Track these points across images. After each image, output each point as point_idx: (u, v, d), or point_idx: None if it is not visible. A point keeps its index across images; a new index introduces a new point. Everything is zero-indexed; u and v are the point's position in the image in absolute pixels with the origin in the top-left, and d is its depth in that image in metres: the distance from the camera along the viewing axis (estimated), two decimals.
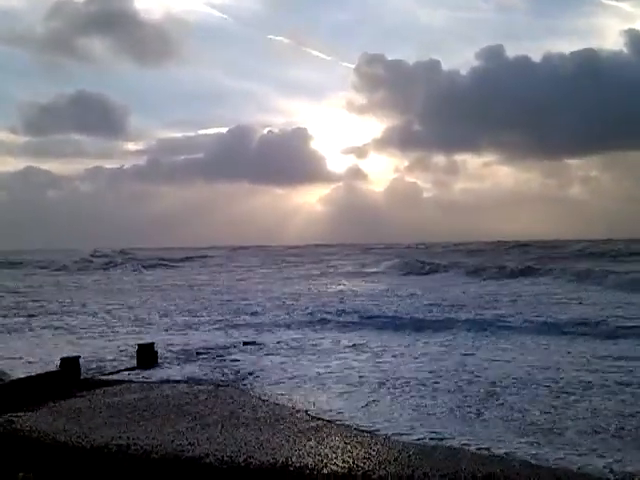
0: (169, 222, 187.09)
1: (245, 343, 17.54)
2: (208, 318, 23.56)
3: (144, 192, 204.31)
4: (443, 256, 69.56)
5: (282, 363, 14.84)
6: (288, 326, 21.02)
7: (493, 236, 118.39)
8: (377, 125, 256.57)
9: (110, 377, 13.77)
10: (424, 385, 12.23)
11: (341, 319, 22.29)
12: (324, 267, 62.80)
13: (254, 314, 24.24)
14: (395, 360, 14.97)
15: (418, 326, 20.13)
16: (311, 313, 24.02)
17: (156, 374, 14.02)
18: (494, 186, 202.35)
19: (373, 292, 33.98)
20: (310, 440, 8.86)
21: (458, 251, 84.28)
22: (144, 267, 68.08)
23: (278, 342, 17.74)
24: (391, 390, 11.91)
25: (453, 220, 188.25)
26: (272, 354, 16.15)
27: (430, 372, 13.30)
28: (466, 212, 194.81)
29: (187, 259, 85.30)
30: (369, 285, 40.45)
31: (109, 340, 18.77)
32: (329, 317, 22.76)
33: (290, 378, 13.20)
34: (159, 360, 15.35)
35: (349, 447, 8.58)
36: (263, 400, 11.39)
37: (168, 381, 13.19)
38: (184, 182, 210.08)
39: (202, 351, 16.57)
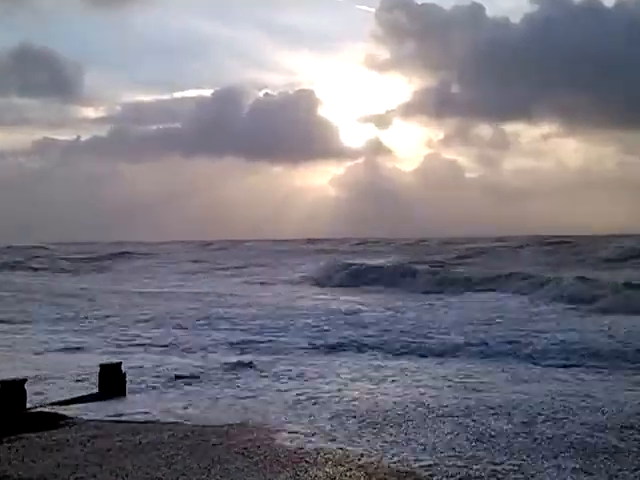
0: (136, 209, 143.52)
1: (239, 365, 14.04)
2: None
3: (105, 171, 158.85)
4: (495, 257, 56.27)
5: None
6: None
7: (556, 229, 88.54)
8: (404, 86, 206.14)
9: (62, 408, 10.39)
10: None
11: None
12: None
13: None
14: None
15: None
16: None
17: (124, 407, 10.60)
18: (557, 165, 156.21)
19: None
20: None
21: (510, 248, 64.20)
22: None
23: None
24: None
25: (504, 209, 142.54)
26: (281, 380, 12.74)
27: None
28: (520, 198, 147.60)
29: (115, 255, 74.23)
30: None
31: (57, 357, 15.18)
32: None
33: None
34: (128, 385, 11.94)
35: None
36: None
37: (142, 422, 9.69)
38: (156, 158, 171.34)
39: (183, 375, 13.14)
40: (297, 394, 11.22)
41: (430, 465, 7.29)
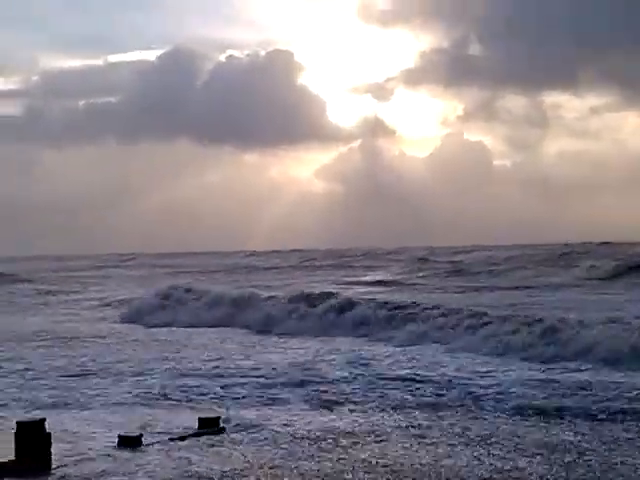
0: (57, 212, 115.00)
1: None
2: None
3: (18, 160, 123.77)
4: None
5: None
6: None
7: (621, 233, 71.03)
8: (410, 46, 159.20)
9: None
10: None
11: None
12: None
13: None
14: None
15: None
16: None
17: None
18: (614, 146, 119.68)
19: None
20: None
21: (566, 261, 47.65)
22: None
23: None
24: None
25: (547, 205, 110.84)
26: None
27: None
28: (567, 191, 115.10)
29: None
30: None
31: None
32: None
33: None
34: (54, 456, 8.36)
35: None
36: None
37: None
38: (85, 144, 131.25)
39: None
40: None
41: None
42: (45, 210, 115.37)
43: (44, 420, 8.57)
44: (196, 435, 9.61)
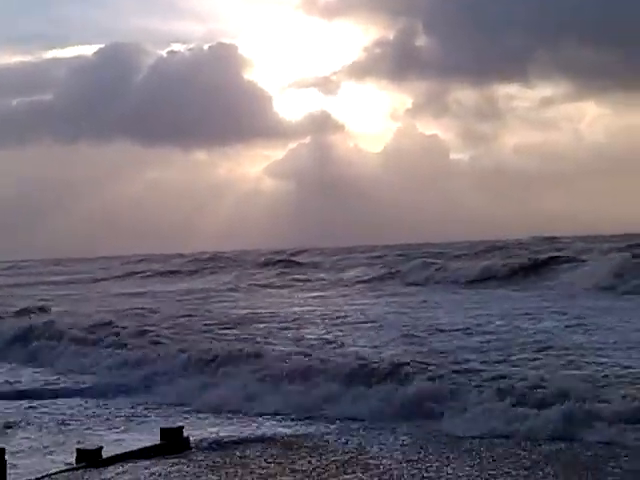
0: None
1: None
2: None
3: None
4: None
5: None
6: None
7: (586, 227, 69.31)
8: (357, 37, 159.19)
9: None
10: None
11: None
12: None
13: None
14: None
15: None
16: None
17: None
18: (569, 137, 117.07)
19: None
20: None
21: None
22: None
23: None
24: None
25: (509, 200, 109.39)
26: None
27: None
28: (524, 184, 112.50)
29: None
30: None
31: None
32: None
33: None
34: None
35: None
36: None
37: None
38: (17, 144, 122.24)
39: None
40: None
41: None
42: None
43: None
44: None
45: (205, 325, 21.52)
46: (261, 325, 21.26)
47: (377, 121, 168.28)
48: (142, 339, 18.20)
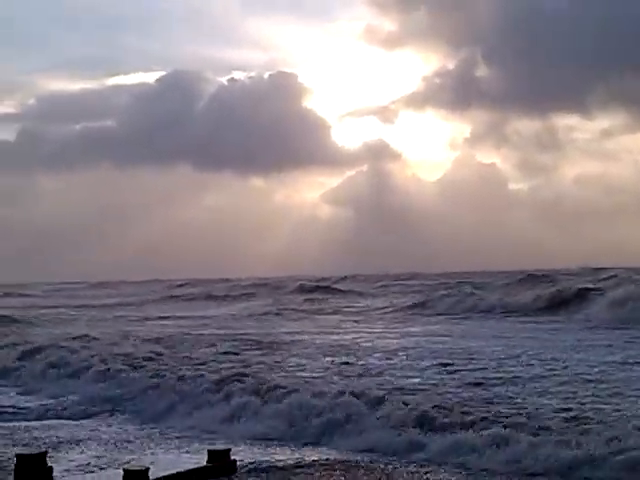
0: (50, 238, 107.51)
1: None
2: None
3: (10, 185, 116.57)
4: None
5: None
6: None
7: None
8: (417, 67, 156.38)
9: None
10: None
11: None
12: None
13: None
14: None
15: None
16: None
17: None
18: (630, 168, 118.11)
19: None
20: None
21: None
22: None
23: None
24: None
25: (566, 232, 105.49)
26: None
27: None
28: (584, 215, 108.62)
29: None
30: None
31: None
32: None
33: None
34: None
35: None
36: None
37: None
38: (82, 167, 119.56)
39: None
40: None
41: None
42: (41, 235, 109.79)
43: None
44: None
45: None
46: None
47: (435, 150, 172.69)
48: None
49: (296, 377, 15.92)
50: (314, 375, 16.33)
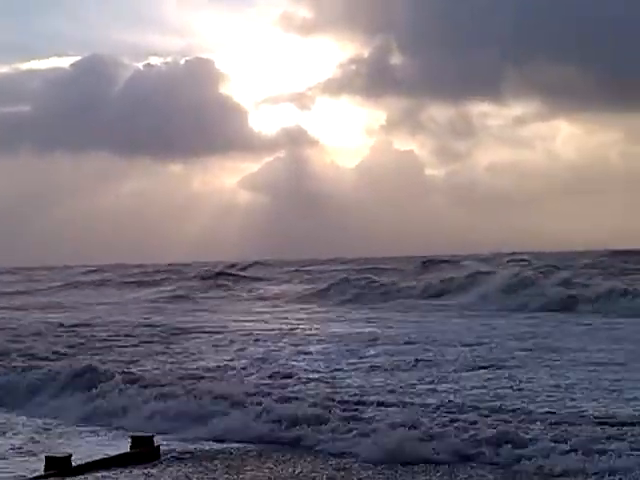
0: None
1: None
2: None
3: None
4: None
5: None
6: None
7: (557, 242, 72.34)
8: (333, 54, 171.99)
9: None
10: None
11: None
12: None
13: None
14: None
15: None
16: None
17: None
18: (543, 155, 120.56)
19: None
20: None
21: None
22: None
23: None
24: None
25: (481, 217, 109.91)
26: None
27: None
28: (498, 201, 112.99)
29: None
30: None
31: None
32: None
33: None
34: None
35: None
36: None
37: None
38: None
39: None
40: None
41: None
42: None
43: None
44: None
45: None
46: None
47: (352, 137, 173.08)
48: None
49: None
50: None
